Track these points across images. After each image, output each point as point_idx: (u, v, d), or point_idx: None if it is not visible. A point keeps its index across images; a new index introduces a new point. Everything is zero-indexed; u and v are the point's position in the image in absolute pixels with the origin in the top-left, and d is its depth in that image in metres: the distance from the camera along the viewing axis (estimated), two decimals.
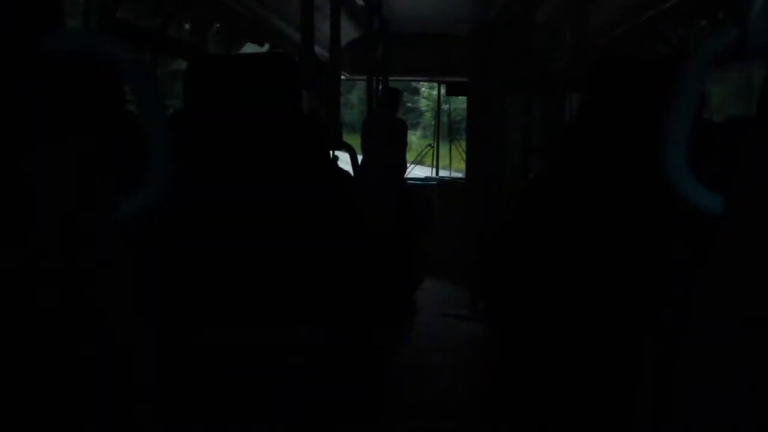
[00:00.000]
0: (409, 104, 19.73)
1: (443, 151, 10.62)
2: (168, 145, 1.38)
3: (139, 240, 1.64)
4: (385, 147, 6.72)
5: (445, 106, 10.73)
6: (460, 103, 10.58)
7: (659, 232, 2.33)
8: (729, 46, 1.15)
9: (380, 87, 6.36)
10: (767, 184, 1.20)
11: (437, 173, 10.30)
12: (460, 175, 9.73)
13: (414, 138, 15.42)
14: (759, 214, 1.19)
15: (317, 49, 5.78)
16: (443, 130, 10.76)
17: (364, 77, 5.98)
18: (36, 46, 1.32)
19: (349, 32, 7.74)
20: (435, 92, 10.24)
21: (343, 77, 8.82)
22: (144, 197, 1.33)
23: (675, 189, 1.22)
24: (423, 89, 20.09)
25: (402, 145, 7.67)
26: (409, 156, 9.06)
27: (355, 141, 7.70)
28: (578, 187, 2.66)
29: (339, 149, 3.90)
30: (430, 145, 10.57)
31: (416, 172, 10.17)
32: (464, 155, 9.19)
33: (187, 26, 4.82)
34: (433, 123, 9.40)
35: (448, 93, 9.64)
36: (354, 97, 16.46)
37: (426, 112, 20.20)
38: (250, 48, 5.83)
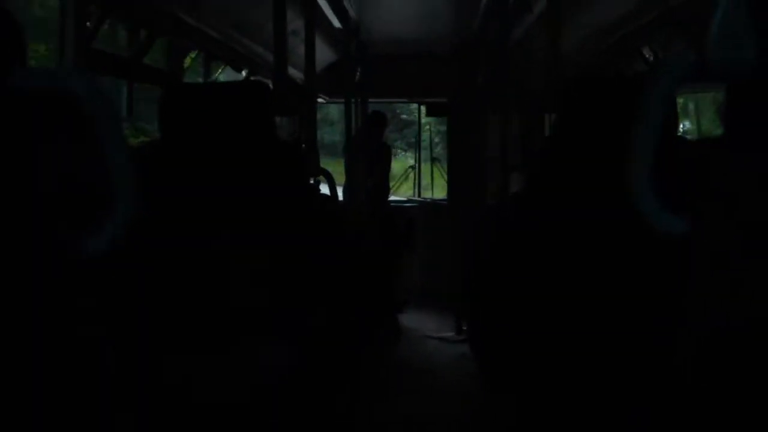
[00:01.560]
0: (404, 116, 19.43)
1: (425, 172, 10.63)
2: (131, 181, 1.37)
3: (112, 271, 1.62)
4: (370, 170, 6.74)
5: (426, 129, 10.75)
6: (441, 123, 10.59)
7: (636, 250, 2.33)
8: (688, 71, 1.16)
9: (360, 109, 6.37)
10: (731, 203, 1.20)
11: (419, 195, 10.30)
12: (441, 196, 9.73)
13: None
14: (723, 234, 1.20)
15: (295, 73, 5.79)
16: (425, 153, 10.77)
17: (342, 100, 5.99)
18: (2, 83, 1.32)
19: (327, 55, 7.75)
20: None
21: (321, 100, 8.83)
22: (106, 234, 1.32)
23: (639, 209, 1.23)
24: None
25: (386, 167, 7.68)
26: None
27: (336, 164, 7.72)
28: (555, 207, 2.66)
29: (317, 175, 3.89)
30: (411, 167, 10.58)
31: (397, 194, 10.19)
32: (446, 177, 9.20)
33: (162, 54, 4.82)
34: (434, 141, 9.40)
35: (428, 114, 9.65)
36: (333, 110, 15.90)
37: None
38: (228, 73, 5.83)
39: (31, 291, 1.29)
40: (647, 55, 5.08)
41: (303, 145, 4.22)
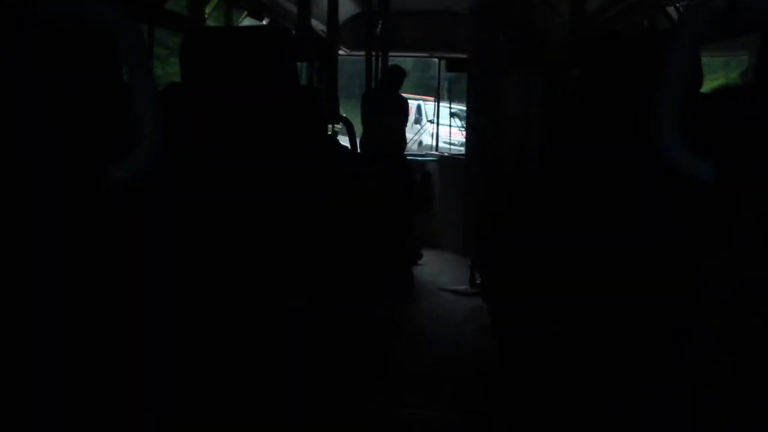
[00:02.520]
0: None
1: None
2: (157, 113, 1.37)
3: (132, 209, 1.64)
4: (386, 122, 6.72)
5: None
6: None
7: (658, 204, 2.33)
8: (718, 14, 1.15)
9: (381, 63, 6.35)
10: (758, 150, 1.20)
11: (437, 148, 10.28)
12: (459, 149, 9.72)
13: None
14: (751, 181, 1.19)
15: (317, 25, 5.76)
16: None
17: (364, 53, 5.97)
18: (28, 9, 1.32)
19: (349, 8, 7.70)
20: None
21: (342, 53, 8.79)
22: (133, 163, 1.33)
23: (667, 158, 1.22)
24: None
25: (403, 121, 7.65)
26: None
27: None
28: (576, 160, 2.66)
29: (336, 123, 3.90)
30: (430, 120, 10.55)
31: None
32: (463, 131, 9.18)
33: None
34: None
35: (449, 69, 9.60)
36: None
37: None
38: (248, 22, 5.80)
39: (55, 216, 1.31)
40: (672, 14, 5.03)
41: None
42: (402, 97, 7.69)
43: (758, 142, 1.21)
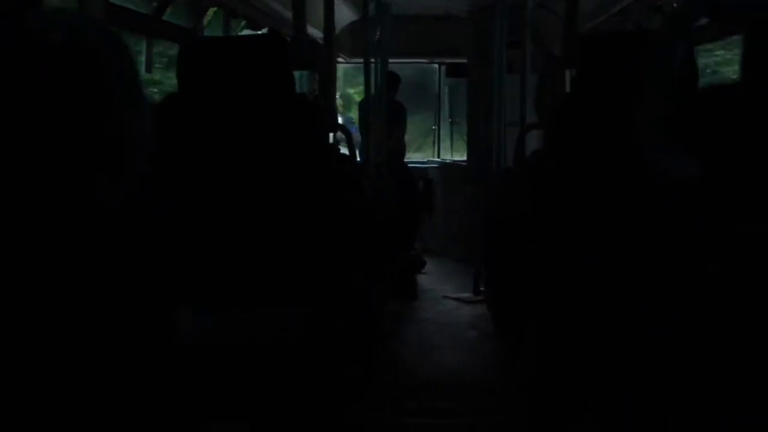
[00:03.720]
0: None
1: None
2: (146, 134, 1.37)
3: (128, 225, 1.63)
4: (385, 129, 6.72)
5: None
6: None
7: (655, 205, 2.32)
8: (701, 8, 1.15)
9: (380, 70, 6.34)
10: (747, 148, 1.19)
11: (438, 156, 10.27)
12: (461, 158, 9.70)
13: None
14: (739, 179, 1.19)
15: (315, 32, 5.77)
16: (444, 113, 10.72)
17: (362, 60, 5.96)
18: (15, 27, 1.32)
19: (347, 14, 7.71)
20: None
21: (341, 60, 8.79)
22: (121, 185, 1.32)
23: (649, 157, 1.22)
24: None
25: (401, 127, 7.66)
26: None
27: None
28: (574, 164, 2.65)
29: (335, 131, 3.89)
30: (431, 127, 10.54)
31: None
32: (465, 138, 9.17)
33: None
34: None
35: (448, 74, 9.61)
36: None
37: None
38: (248, 32, 5.81)
39: (48, 238, 1.30)
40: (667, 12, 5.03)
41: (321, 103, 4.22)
42: (399, 103, 7.70)
43: (750, 141, 1.21)
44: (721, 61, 4.99)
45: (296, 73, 2.94)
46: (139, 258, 2.45)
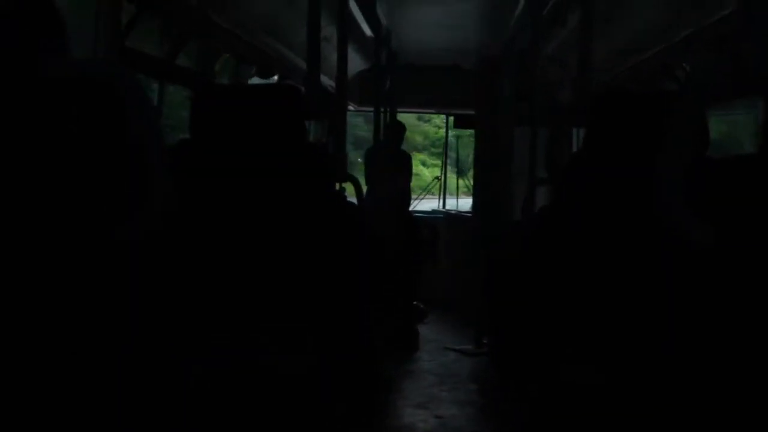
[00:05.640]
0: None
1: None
2: (166, 173, 1.37)
3: (145, 263, 1.63)
4: (390, 178, 6.74)
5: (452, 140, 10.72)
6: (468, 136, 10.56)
7: (662, 265, 2.32)
8: (724, 80, 1.15)
9: (389, 119, 6.38)
10: (760, 218, 1.19)
11: (444, 206, 10.28)
12: (466, 204, 9.71)
13: None
14: (752, 247, 1.19)
15: (325, 80, 5.80)
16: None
17: (372, 109, 5.99)
18: (35, 71, 1.33)
19: (357, 63, 7.77)
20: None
21: (350, 108, 8.85)
22: (139, 224, 1.32)
23: (665, 219, 1.22)
24: None
25: (407, 176, 7.68)
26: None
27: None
28: (583, 220, 2.65)
29: (344, 181, 3.90)
30: (437, 177, 10.57)
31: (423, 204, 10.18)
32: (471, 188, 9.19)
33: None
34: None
35: (456, 126, 9.66)
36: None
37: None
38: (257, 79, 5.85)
39: (66, 275, 1.30)
40: (678, 73, 5.06)
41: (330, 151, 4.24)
42: (404, 152, 7.72)
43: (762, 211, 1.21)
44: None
45: None
46: (154, 296, 2.44)
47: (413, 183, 8.51)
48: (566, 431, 2.64)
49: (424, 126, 19.03)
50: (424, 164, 17.44)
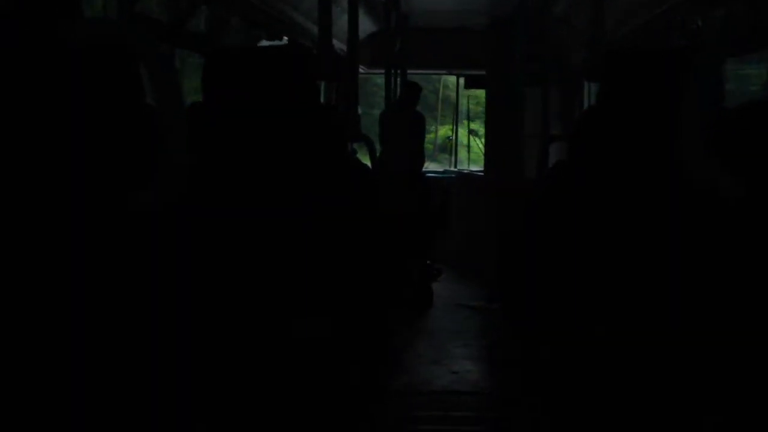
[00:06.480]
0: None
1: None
2: (184, 140, 1.39)
3: (153, 232, 1.65)
4: (404, 140, 6.74)
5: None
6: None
7: (679, 218, 2.33)
8: (743, 35, 1.17)
9: (400, 81, 6.37)
10: None
11: (455, 166, 10.28)
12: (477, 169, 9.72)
13: None
14: None
15: (335, 43, 5.80)
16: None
17: (383, 71, 5.98)
18: (53, 36, 1.34)
19: (367, 26, 7.74)
20: None
21: (361, 71, 8.84)
22: (156, 192, 1.34)
23: (694, 175, 1.23)
24: None
25: (421, 138, 7.66)
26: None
27: None
28: (598, 176, 2.66)
29: (357, 141, 3.92)
30: (449, 137, 10.57)
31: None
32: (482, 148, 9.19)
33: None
34: None
35: (467, 86, 9.64)
36: None
37: None
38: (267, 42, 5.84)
39: (83, 242, 1.32)
40: (689, 30, 5.04)
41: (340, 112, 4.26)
42: (419, 113, 7.71)
43: None
44: None
45: None
46: (169, 262, 2.47)
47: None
48: (578, 384, 2.67)
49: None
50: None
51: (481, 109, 10.00)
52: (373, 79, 10.17)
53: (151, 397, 1.59)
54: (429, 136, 8.37)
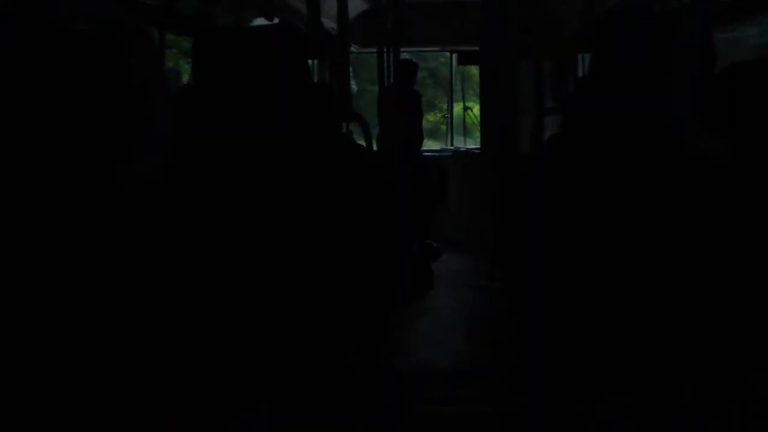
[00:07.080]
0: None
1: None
2: (169, 117, 1.37)
3: (145, 212, 1.64)
4: (401, 118, 6.71)
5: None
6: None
7: (672, 184, 2.31)
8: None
9: (393, 59, 6.33)
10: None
11: (452, 144, 10.26)
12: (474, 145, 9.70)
13: None
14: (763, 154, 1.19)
15: (327, 23, 5.76)
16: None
17: (375, 49, 5.94)
18: (40, 10, 1.33)
19: (358, 4, 7.70)
20: None
21: (353, 50, 8.79)
22: (142, 165, 1.33)
23: (681, 135, 1.22)
24: None
25: (418, 116, 7.63)
26: None
27: None
28: (592, 146, 2.64)
29: (350, 120, 3.89)
30: (444, 116, 10.54)
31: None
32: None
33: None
34: None
35: (460, 62, 9.60)
36: None
37: None
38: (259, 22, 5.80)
39: (70, 216, 1.31)
40: None
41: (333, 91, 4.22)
42: (416, 91, 7.67)
43: None
44: None
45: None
46: (156, 243, 2.45)
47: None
48: (576, 357, 2.66)
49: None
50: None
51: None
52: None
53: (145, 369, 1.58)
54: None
